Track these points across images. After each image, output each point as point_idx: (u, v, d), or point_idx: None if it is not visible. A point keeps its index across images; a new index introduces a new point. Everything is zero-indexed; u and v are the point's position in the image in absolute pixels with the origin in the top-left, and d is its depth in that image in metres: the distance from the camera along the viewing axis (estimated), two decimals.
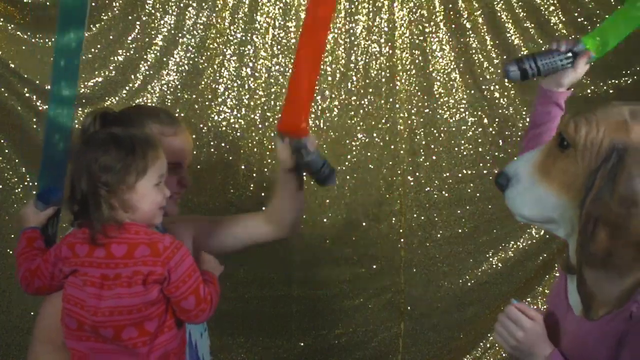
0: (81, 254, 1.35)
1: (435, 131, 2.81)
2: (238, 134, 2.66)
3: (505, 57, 2.76)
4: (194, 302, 1.35)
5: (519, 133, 2.85)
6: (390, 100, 2.75)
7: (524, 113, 2.83)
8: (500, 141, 2.85)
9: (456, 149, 2.84)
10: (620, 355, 1.23)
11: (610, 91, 2.83)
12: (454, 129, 2.81)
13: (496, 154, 2.85)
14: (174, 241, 1.36)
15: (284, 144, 1.56)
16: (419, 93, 2.77)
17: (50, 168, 1.59)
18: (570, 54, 1.64)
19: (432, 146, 2.83)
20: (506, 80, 1.74)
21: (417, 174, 2.83)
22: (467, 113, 2.82)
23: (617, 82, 2.82)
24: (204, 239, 1.72)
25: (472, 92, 2.81)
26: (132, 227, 1.35)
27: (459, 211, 2.90)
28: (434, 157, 2.83)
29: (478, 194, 2.88)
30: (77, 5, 1.60)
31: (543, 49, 1.62)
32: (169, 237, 1.36)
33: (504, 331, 1.36)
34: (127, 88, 2.56)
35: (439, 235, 2.90)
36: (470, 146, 2.84)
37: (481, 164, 2.86)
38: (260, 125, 2.67)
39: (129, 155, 1.34)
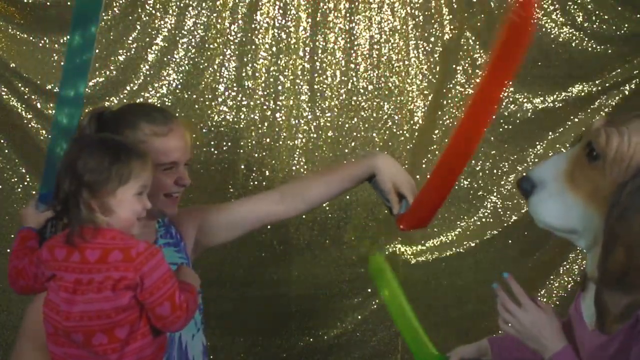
0: (59, 257, 1.35)
1: (434, 131, 2.81)
2: (238, 134, 2.66)
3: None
4: (169, 309, 1.33)
5: (511, 130, 2.85)
6: (390, 100, 2.75)
7: (520, 111, 2.84)
8: (491, 138, 2.85)
9: None
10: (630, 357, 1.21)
11: (611, 87, 2.85)
12: (451, 127, 2.81)
13: (492, 152, 2.85)
14: (149, 247, 1.34)
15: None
16: (419, 93, 2.77)
17: (54, 170, 1.59)
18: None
19: (431, 146, 2.83)
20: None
21: (417, 174, 2.83)
22: (463, 111, 2.82)
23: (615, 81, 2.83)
24: (211, 224, 1.73)
25: (470, 91, 2.81)
26: (109, 232, 1.34)
27: (459, 211, 2.90)
28: (429, 157, 2.83)
29: (479, 194, 2.88)
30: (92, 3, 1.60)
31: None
32: (145, 243, 1.35)
33: (508, 314, 1.33)
34: (127, 88, 2.56)
35: (439, 235, 2.90)
36: None
37: (480, 163, 2.87)
38: (260, 125, 2.67)
39: (114, 161, 1.34)
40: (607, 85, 2.85)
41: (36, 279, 1.41)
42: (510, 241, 2.94)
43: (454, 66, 2.80)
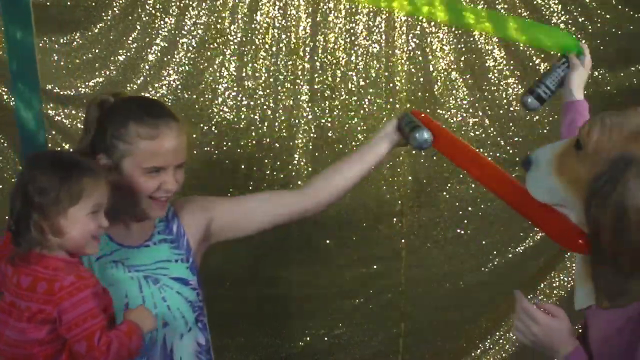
0: (7, 274, 1.34)
1: None
2: (238, 134, 2.66)
3: (505, 55, 2.79)
4: (84, 348, 1.28)
5: (521, 133, 2.85)
6: (390, 100, 2.75)
7: (524, 113, 2.83)
8: (501, 142, 2.85)
9: None
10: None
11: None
12: (454, 129, 2.81)
13: (497, 154, 2.85)
14: (77, 282, 1.30)
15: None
16: (419, 93, 2.77)
17: None
18: (563, 60, 1.82)
19: (433, 147, 2.82)
20: (525, 109, 1.90)
21: (418, 174, 2.83)
22: (467, 114, 2.82)
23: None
24: (225, 218, 1.72)
25: (473, 92, 2.81)
26: (47, 260, 1.31)
27: (460, 212, 2.89)
28: (434, 158, 2.83)
29: (480, 195, 2.88)
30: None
31: (542, 72, 1.79)
32: (72, 277, 1.30)
33: (522, 325, 1.37)
34: (127, 88, 2.56)
35: (440, 236, 2.89)
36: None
37: None
38: (260, 125, 2.67)
39: (64, 180, 1.31)
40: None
41: None
42: (512, 243, 2.94)
43: (454, 66, 2.79)
